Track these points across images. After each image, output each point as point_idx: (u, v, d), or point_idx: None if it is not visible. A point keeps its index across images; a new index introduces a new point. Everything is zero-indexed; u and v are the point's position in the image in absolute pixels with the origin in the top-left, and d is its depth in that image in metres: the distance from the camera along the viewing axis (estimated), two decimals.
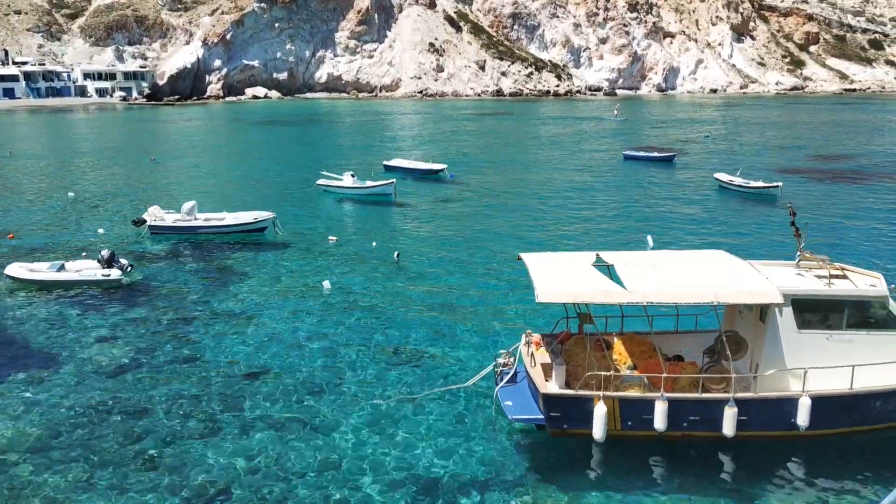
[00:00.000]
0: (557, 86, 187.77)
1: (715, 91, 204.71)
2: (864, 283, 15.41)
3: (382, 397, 17.27)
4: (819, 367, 14.64)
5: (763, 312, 15.36)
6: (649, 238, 32.11)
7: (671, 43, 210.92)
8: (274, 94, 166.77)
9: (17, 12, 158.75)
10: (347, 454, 14.88)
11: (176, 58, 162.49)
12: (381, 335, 21.27)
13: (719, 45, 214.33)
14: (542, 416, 15.06)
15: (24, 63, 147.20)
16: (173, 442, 15.29)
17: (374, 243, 31.69)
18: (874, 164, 59.26)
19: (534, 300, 14.70)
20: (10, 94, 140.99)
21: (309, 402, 17.05)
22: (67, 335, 21.14)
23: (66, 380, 18.14)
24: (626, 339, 16.49)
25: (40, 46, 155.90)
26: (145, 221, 33.18)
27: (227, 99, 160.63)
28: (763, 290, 14.67)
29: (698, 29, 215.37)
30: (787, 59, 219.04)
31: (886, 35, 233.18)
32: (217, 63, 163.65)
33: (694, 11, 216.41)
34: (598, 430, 14.38)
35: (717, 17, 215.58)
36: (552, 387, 14.96)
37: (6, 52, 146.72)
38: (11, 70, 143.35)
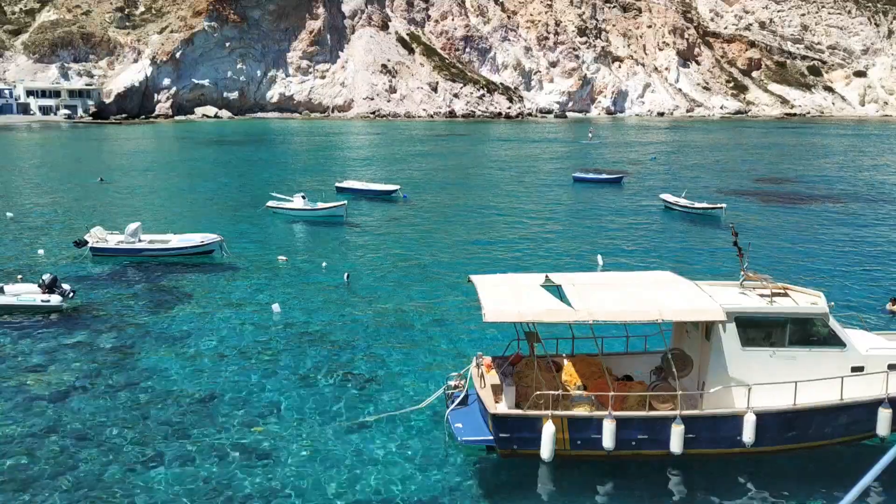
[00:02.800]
0: (509, 108, 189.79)
1: (662, 114, 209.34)
2: (805, 301, 15.79)
3: (332, 421, 16.99)
4: (763, 384, 14.90)
5: (708, 330, 15.60)
6: (599, 258, 32.47)
7: (620, 67, 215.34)
8: (224, 113, 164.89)
9: None
10: (294, 480, 14.58)
11: (123, 76, 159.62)
12: (331, 358, 20.98)
13: (666, 69, 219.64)
14: (491, 438, 15.00)
15: None
16: (114, 471, 14.78)
17: (324, 264, 31.38)
18: (814, 187, 61.15)
19: (484, 322, 14.70)
20: None
21: (256, 427, 16.67)
22: (3, 362, 20.35)
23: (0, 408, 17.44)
24: (576, 361, 16.56)
25: None
26: (87, 243, 32.21)
27: (177, 118, 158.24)
28: (706, 307, 14.94)
29: (645, 54, 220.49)
30: (731, 84, 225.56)
31: (824, 62, 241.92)
32: (166, 82, 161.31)
33: (641, 37, 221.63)
34: (547, 450, 14.37)
35: (663, 42, 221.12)
36: (501, 407, 14.93)
37: None
38: None
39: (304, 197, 44.62)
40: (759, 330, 15.32)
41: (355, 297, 27.12)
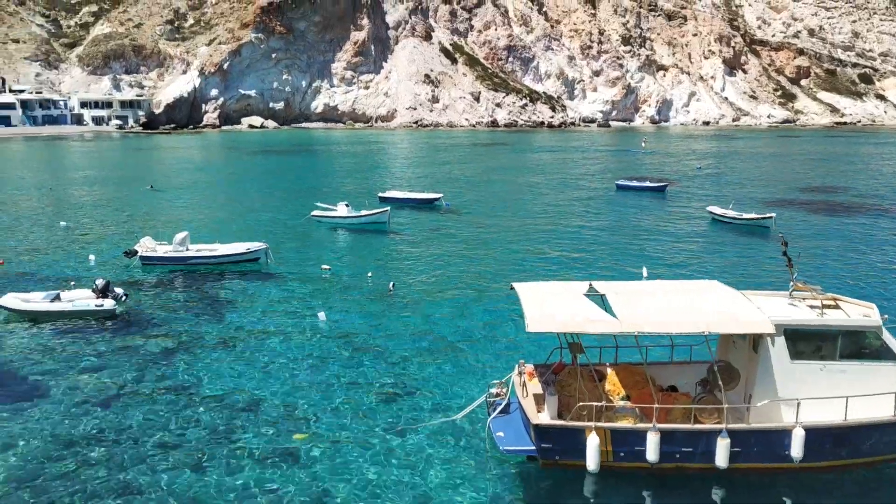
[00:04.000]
0: (552, 117, 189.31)
1: (708, 123, 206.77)
2: (857, 313, 15.40)
3: (374, 429, 17.09)
4: (812, 398, 14.57)
5: (756, 342, 15.32)
6: (644, 269, 32.13)
7: (664, 76, 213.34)
8: (270, 123, 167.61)
9: (16, 41, 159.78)
10: (335, 488, 14.70)
11: (173, 87, 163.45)
12: (374, 366, 21.12)
13: (712, 78, 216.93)
14: (533, 448, 14.93)
15: (21, 91, 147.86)
16: (160, 475, 15.08)
17: (369, 273, 31.59)
18: (865, 196, 59.67)
19: (526, 331, 14.65)
20: (6, 122, 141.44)
21: (299, 435, 16.84)
22: (57, 366, 20.95)
23: (54, 411, 17.93)
24: (619, 370, 16.39)
25: (38, 75, 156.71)
26: (136, 252, 32.95)
27: (224, 128, 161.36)
28: (754, 319, 14.66)
29: (691, 62, 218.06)
30: (779, 93, 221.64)
31: (876, 69, 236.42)
32: (214, 92, 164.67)
33: (686, 45, 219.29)
34: (591, 462, 14.25)
35: (709, 50, 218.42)
36: (544, 417, 14.85)
37: (3, 81, 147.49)
38: (8, 98, 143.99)
39: (347, 205, 45.08)
40: (808, 343, 14.98)
41: (398, 304, 27.26)
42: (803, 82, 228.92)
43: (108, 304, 25.01)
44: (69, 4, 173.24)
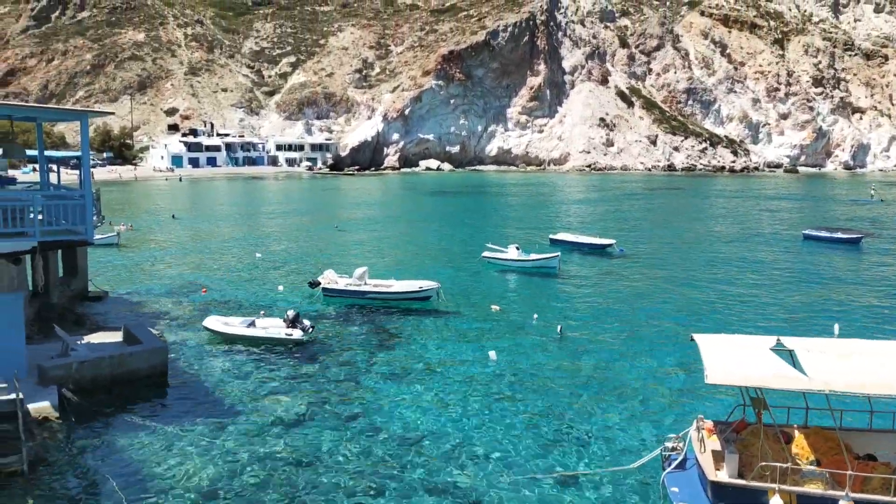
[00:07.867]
0: (733, 161, 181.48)
1: None
2: None
3: (541, 473, 16.97)
4: None
5: None
6: (836, 327, 29.82)
7: (861, 118, 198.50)
8: (446, 166, 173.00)
9: (224, 90, 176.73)
10: None
11: (358, 131, 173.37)
12: (543, 409, 21.02)
13: None
14: None
15: (226, 135, 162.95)
16: (332, 499, 15.78)
17: (535, 316, 31.60)
18: None
19: (705, 383, 14.06)
20: (213, 162, 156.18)
21: (468, 472, 17.05)
22: (249, 386, 22.61)
23: (243, 429, 19.31)
24: (809, 433, 15.25)
25: (241, 120, 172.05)
26: (319, 284, 35.02)
27: (403, 170, 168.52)
28: None
29: (892, 104, 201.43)
30: None
31: None
32: (395, 136, 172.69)
33: (887, 86, 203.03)
34: None
35: None
36: (723, 475, 14.11)
37: (212, 125, 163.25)
38: (215, 141, 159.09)
39: (518, 248, 45.35)
40: None
41: (568, 349, 27.01)
42: None
43: (297, 334, 26.76)
44: (271, 56, 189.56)
